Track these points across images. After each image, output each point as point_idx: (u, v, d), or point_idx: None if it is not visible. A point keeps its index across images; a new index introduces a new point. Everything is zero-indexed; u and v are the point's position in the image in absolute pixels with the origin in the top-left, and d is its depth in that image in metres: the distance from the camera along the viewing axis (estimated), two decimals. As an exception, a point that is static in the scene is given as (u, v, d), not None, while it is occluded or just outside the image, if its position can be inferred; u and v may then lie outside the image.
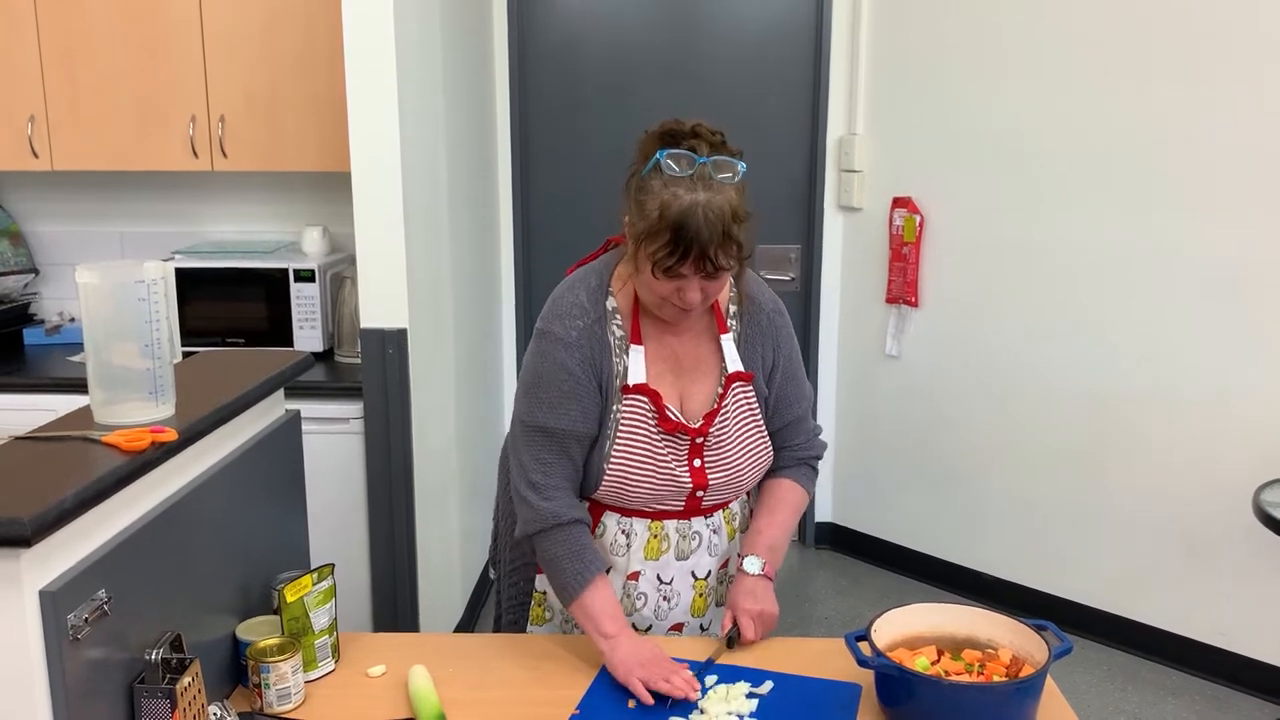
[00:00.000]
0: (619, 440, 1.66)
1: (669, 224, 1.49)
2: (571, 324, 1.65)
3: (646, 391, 1.66)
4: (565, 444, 1.66)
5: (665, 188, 1.51)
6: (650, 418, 1.67)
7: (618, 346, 1.68)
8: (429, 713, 1.50)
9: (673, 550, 1.74)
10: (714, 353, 1.73)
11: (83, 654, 1.23)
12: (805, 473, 1.84)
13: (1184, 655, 3.31)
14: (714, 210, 1.50)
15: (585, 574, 1.63)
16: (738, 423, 1.72)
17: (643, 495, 1.69)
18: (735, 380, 1.71)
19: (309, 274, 3.19)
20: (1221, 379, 3.14)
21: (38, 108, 3.18)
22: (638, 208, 1.55)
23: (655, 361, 1.69)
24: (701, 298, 1.57)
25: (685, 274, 1.53)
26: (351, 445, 2.91)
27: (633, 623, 1.74)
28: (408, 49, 2.77)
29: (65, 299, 3.66)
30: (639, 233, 1.54)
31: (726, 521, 1.80)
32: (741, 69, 3.92)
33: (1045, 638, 1.51)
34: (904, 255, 3.79)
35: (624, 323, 1.68)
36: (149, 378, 1.47)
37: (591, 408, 1.66)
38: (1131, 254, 3.27)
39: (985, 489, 3.73)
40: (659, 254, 1.51)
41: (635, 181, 1.57)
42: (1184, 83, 3.11)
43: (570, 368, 1.64)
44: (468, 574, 3.57)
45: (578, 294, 1.68)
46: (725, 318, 1.74)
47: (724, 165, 1.55)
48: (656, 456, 1.67)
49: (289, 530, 1.89)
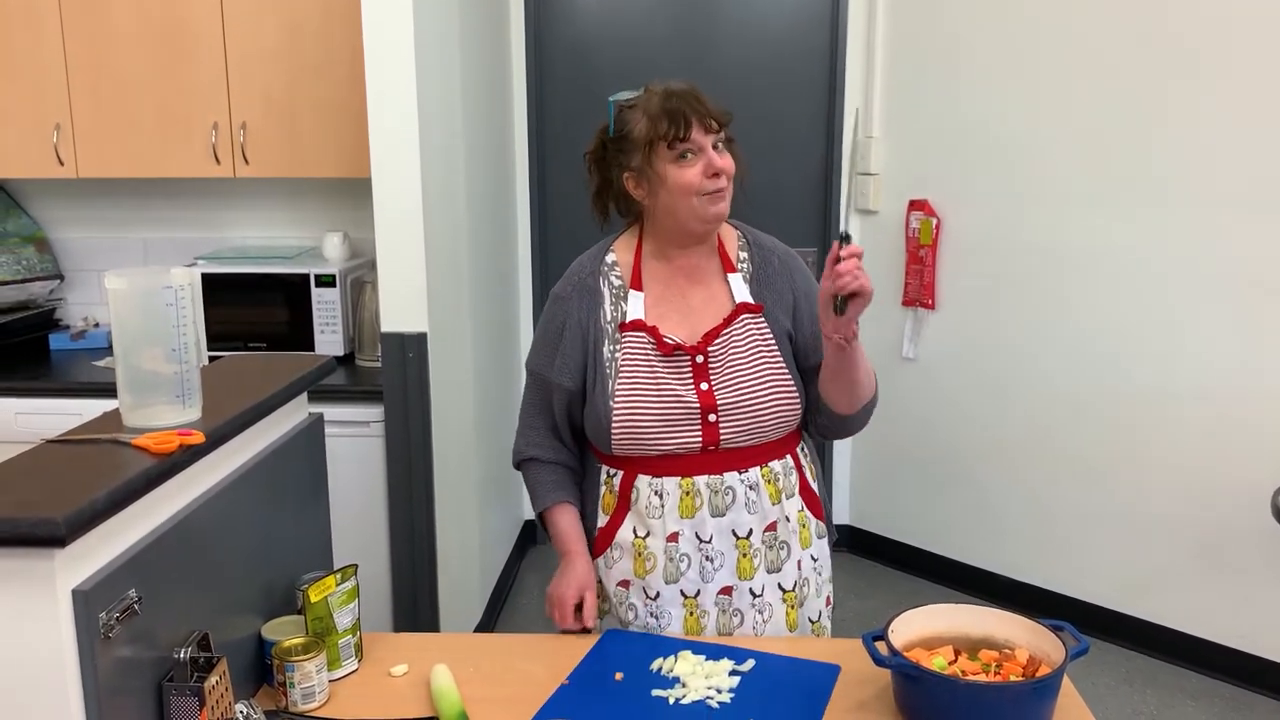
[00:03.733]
0: (622, 375, 1.72)
1: (657, 110, 1.66)
2: (569, 281, 1.81)
3: (642, 327, 1.74)
4: (547, 390, 1.81)
5: (634, 109, 1.69)
6: (650, 348, 1.73)
7: (615, 294, 1.78)
8: (451, 711, 1.52)
9: (706, 506, 1.73)
10: (724, 292, 1.80)
11: (113, 652, 1.25)
12: None
13: (1202, 657, 3.30)
14: (679, 87, 1.69)
15: (537, 505, 1.83)
16: (749, 347, 1.75)
17: (654, 425, 1.70)
18: (744, 311, 1.77)
19: (330, 279, 3.22)
20: (1241, 380, 3.13)
21: (63, 116, 3.23)
22: (628, 144, 1.69)
23: (657, 303, 1.77)
24: (727, 166, 1.69)
25: (700, 142, 1.66)
26: (372, 448, 2.94)
27: (680, 589, 1.76)
28: (427, 55, 2.79)
29: (90, 304, 3.71)
30: (643, 147, 1.67)
31: (767, 481, 1.77)
32: (757, 71, 3.93)
33: (1062, 638, 1.51)
34: (920, 258, 3.79)
35: (624, 272, 1.79)
36: (176, 382, 1.50)
37: (570, 361, 1.77)
38: (1150, 255, 3.27)
39: (1002, 491, 3.73)
40: (669, 135, 1.65)
41: (612, 147, 1.73)
42: (1202, 84, 3.10)
43: (556, 321, 1.79)
44: (487, 575, 3.59)
45: (582, 258, 1.85)
46: (735, 261, 1.82)
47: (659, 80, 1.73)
48: (659, 380, 1.72)
49: (312, 531, 1.92)
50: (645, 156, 1.67)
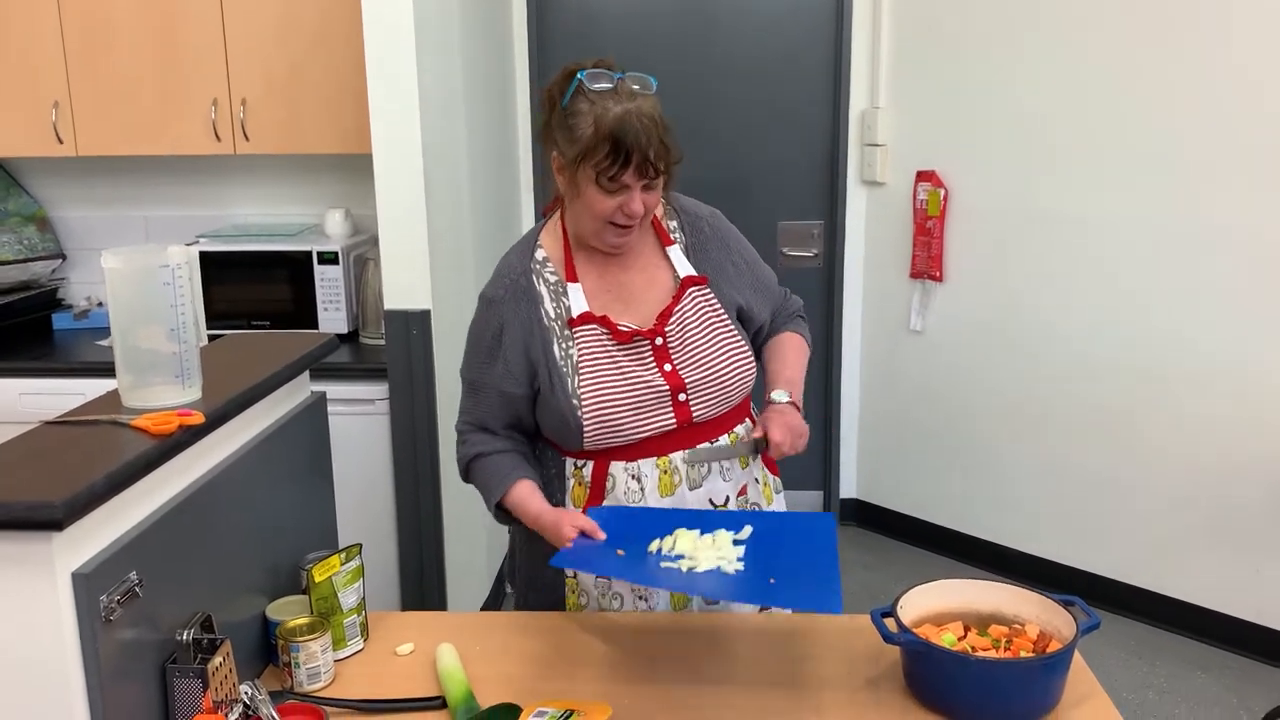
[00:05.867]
0: (583, 371, 1.68)
1: (605, 134, 1.56)
2: (500, 283, 1.74)
3: (593, 319, 1.70)
4: (486, 396, 1.74)
5: (592, 106, 1.58)
6: (605, 339, 1.69)
7: (553, 290, 1.72)
8: (457, 690, 1.51)
9: (684, 481, 1.72)
10: (664, 269, 1.76)
11: (115, 635, 1.24)
12: (798, 322, 1.90)
13: (1213, 629, 3.29)
14: (645, 115, 1.58)
15: (497, 491, 1.70)
16: (701, 322, 1.73)
17: (627, 415, 1.67)
18: (690, 284, 1.74)
19: (332, 256, 3.20)
20: (1252, 351, 3.10)
21: (61, 94, 3.20)
22: (567, 134, 1.61)
23: (598, 294, 1.73)
24: (643, 210, 1.62)
25: (628, 183, 1.59)
26: (377, 426, 2.93)
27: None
28: (427, 29, 2.76)
29: (93, 283, 3.69)
30: (575, 155, 1.59)
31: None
32: (763, 42, 3.89)
33: (1073, 613, 1.50)
34: (928, 230, 3.76)
35: (556, 267, 1.74)
36: (175, 361, 1.48)
37: (510, 365, 1.70)
38: (1159, 226, 3.23)
39: (1011, 464, 3.71)
40: (601, 165, 1.57)
41: (556, 117, 1.64)
42: (1214, 51, 3.05)
43: (491, 326, 1.72)
44: (494, 553, 3.59)
45: (509, 257, 1.77)
46: (668, 232, 1.78)
47: (639, 79, 1.63)
48: (624, 371, 1.68)
49: (317, 511, 1.91)
50: (574, 159, 1.60)
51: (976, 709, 1.43)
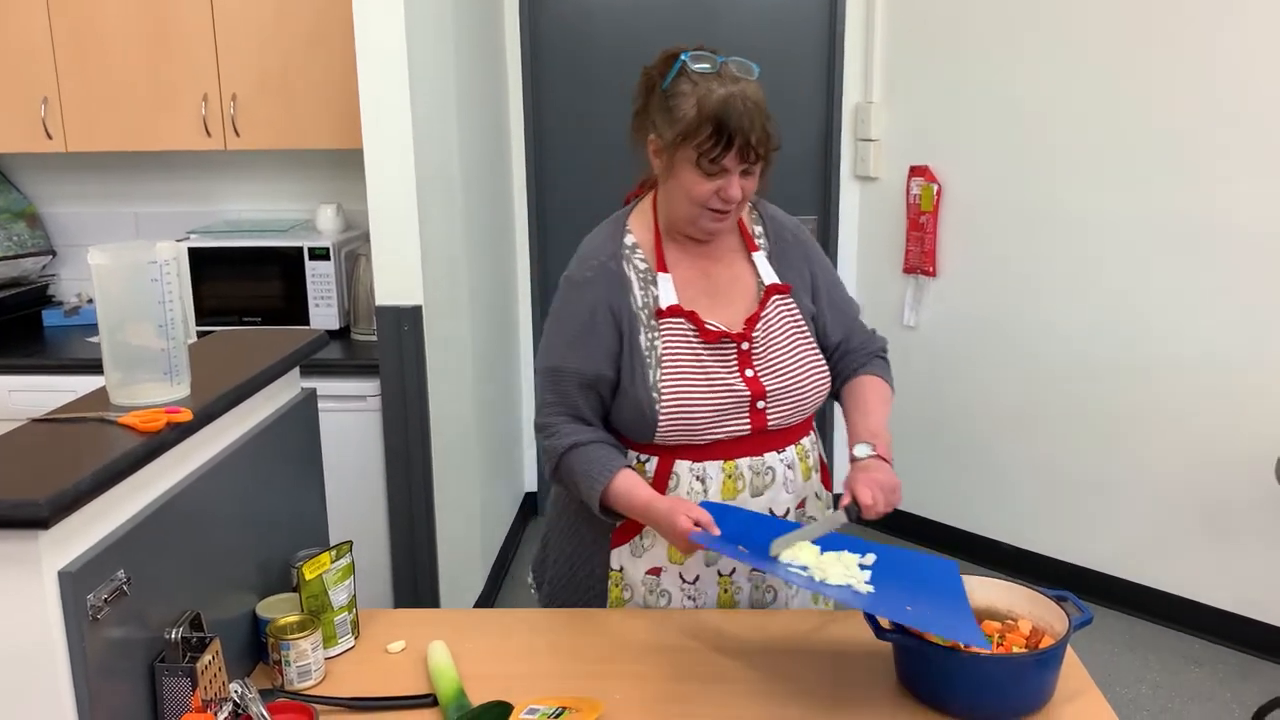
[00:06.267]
0: (665, 364, 1.65)
1: (709, 115, 1.54)
2: (587, 265, 1.70)
3: (681, 312, 1.67)
4: (570, 385, 1.68)
5: (696, 87, 1.56)
6: (692, 335, 1.67)
7: (642, 279, 1.69)
8: (448, 688, 1.50)
9: (748, 488, 1.70)
10: (748, 272, 1.74)
11: (103, 634, 1.23)
12: (880, 364, 1.84)
13: (1206, 624, 3.30)
14: (749, 98, 1.56)
15: (601, 479, 1.63)
16: (784, 331, 1.71)
17: (704, 416, 1.65)
18: (774, 292, 1.72)
19: (324, 252, 3.19)
20: (1244, 346, 3.10)
21: (50, 89, 3.18)
22: (667, 115, 1.59)
23: (686, 286, 1.70)
24: (740, 195, 1.60)
25: (728, 167, 1.57)
26: (369, 422, 2.92)
27: (717, 569, 1.74)
28: (419, 23, 2.75)
29: (83, 280, 3.68)
30: (675, 136, 1.57)
31: (800, 459, 1.76)
32: (757, 38, 3.88)
33: (1065, 608, 1.50)
34: (921, 225, 3.75)
35: (646, 255, 1.70)
36: (164, 358, 1.47)
37: (602, 348, 1.66)
38: (1152, 221, 3.23)
39: (1004, 459, 3.71)
40: (703, 146, 1.55)
41: (656, 99, 1.62)
42: (1209, 46, 3.05)
43: (582, 308, 1.67)
44: (487, 549, 3.59)
45: (596, 239, 1.74)
46: (753, 237, 1.76)
47: (741, 64, 1.61)
48: (707, 370, 1.65)
49: (307, 508, 1.90)
50: (674, 140, 1.58)
51: (969, 705, 1.43)
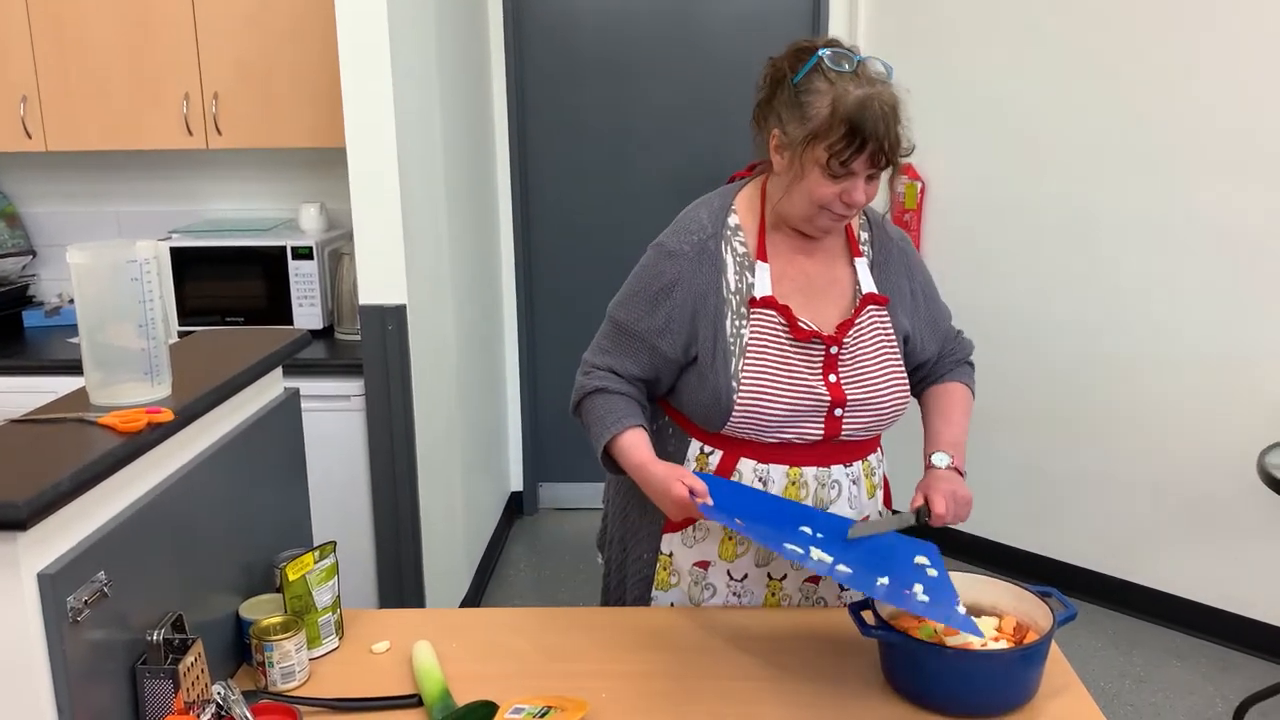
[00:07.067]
0: (750, 354, 1.62)
1: (844, 117, 1.51)
2: (686, 238, 1.66)
3: (774, 305, 1.63)
4: (632, 343, 1.66)
5: (832, 86, 1.53)
6: (781, 330, 1.63)
7: (739, 263, 1.66)
8: (433, 689, 1.50)
9: (811, 499, 1.67)
10: (848, 275, 1.71)
11: (83, 636, 1.22)
12: (966, 371, 1.85)
13: (1189, 618, 3.32)
14: (885, 102, 1.53)
15: (612, 427, 1.62)
16: (874, 342, 1.68)
17: (780, 413, 1.61)
18: (870, 302, 1.69)
19: (307, 251, 3.17)
20: (1226, 342, 3.12)
21: (29, 88, 3.15)
22: (798, 112, 1.55)
23: (783, 280, 1.66)
24: (864, 200, 1.58)
25: (856, 170, 1.54)
26: (353, 422, 2.90)
27: (768, 572, 1.73)
28: (401, 20, 2.73)
29: (64, 280, 3.65)
30: (805, 135, 1.54)
31: (866, 475, 1.74)
32: (740, 37, 3.88)
33: (1049, 604, 1.51)
34: (905, 222, 3.76)
35: (747, 239, 1.67)
36: (144, 358, 1.46)
37: (681, 325, 1.63)
38: (1134, 218, 3.25)
39: (988, 455, 3.72)
40: (836, 147, 1.52)
41: (785, 94, 1.58)
42: (1188, 43, 3.07)
43: (668, 276, 1.64)
44: (473, 549, 3.58)
45: (699, 212, 1.69)
46: (858, 242, 1.73)
47: (880, 66, 1.58)
48: (791, 368, 1.62)
49: (290, 508, 1.89)
50: (804, 139, 1.54)
51: (954, 701, 1.43)
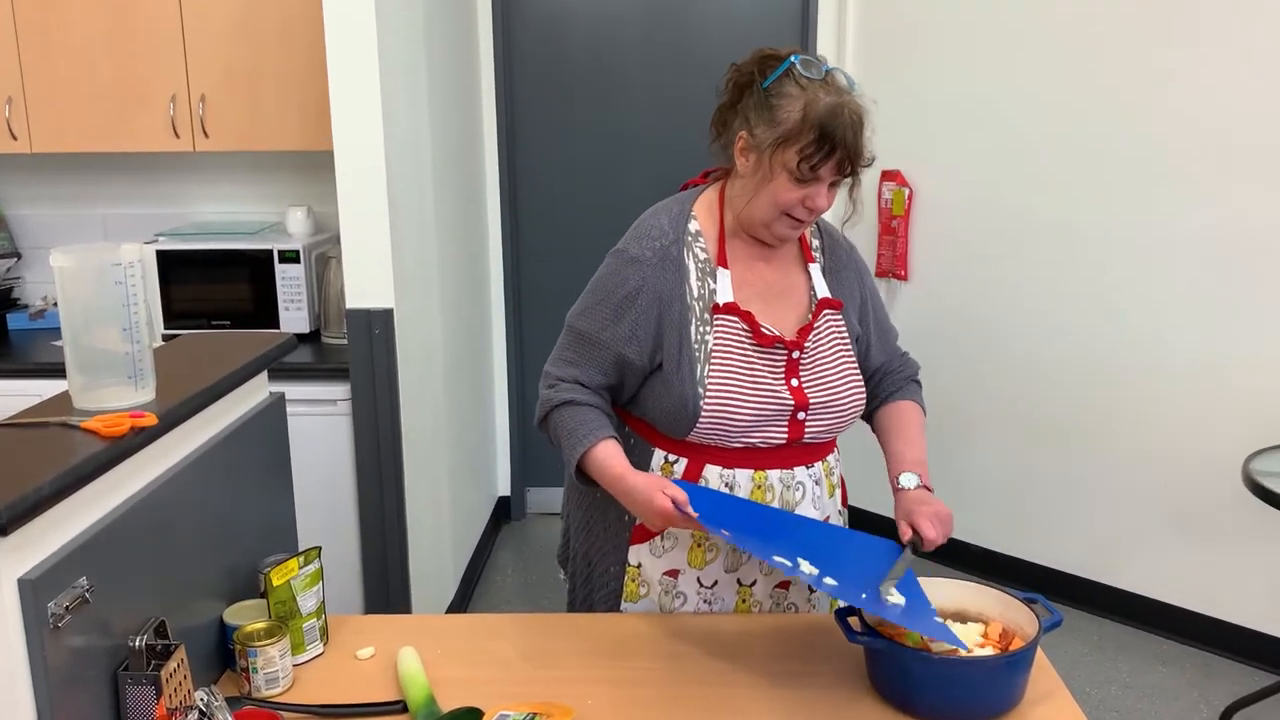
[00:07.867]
0: (715, 360, 1.63)
1: (815, 122, 1.53)
2: (648, 244, 1.66)
3: (737, 311, 1.64)
4: (597, 353, 1.66)
5: (803, 91, 1.55)
6: (745, 336, 1.65)
7: (701, 269, 1.67)
8: (418, 695, 1.49)
9: (777, 501, 1.69)
10: (803, 281, 1.74)
11: (64, 642, 1.21)
12: (915, 389, 1.86)
13: (1174, 624, 3.33)
14: (854, 111, 1.55)
15: (585, 441, 1.61)
16: (832, 345, 1.71)
17: (745, 418, 1.63)
18: (826, 306, 1.72)
19: (294, 255, 3.16)
20: (1211, 348, 3.13)
21: (15, 89, 3.14)
22: (768, 115, 1.57)
23: (743, 286, 1.68)
24: (826, 207, 1.60)
25: (822, 176, 1.56)
26: (339, 426, 2.89)
27: (738, 578, 1.74)
28: (389, 24, 2.73)
29: (49, 283, 3.63)
30: (775, 138, 1.55)
31: (826, 475, 1.77)
32: (729, 42, 3.88)
33: (1035, 610, 1.51)
34: (893, 229, 3.77)
35: (708, 245, 1.68)
36: (128, 362, 1.45)
37: (645, 331, 1.64)
38: (1121, 225, 3.26)
39: (974, 461, 3.73)
40: (806, 151, 1.53)
41: (755, 97, 1.59)
42: (1176, 53, 3.08)
43: (632, 283, 1.64)
44: (459, 554, 3.57)
45: (659, 218, 1.70)
46: (811, 249, 1.75)
47: (845, 76, 1.61)
48: (755, 373, 1.64)
49: (275, 513, 1.88)
50: (773, 142, 1.56)
51: (940, 707, 1.43)
